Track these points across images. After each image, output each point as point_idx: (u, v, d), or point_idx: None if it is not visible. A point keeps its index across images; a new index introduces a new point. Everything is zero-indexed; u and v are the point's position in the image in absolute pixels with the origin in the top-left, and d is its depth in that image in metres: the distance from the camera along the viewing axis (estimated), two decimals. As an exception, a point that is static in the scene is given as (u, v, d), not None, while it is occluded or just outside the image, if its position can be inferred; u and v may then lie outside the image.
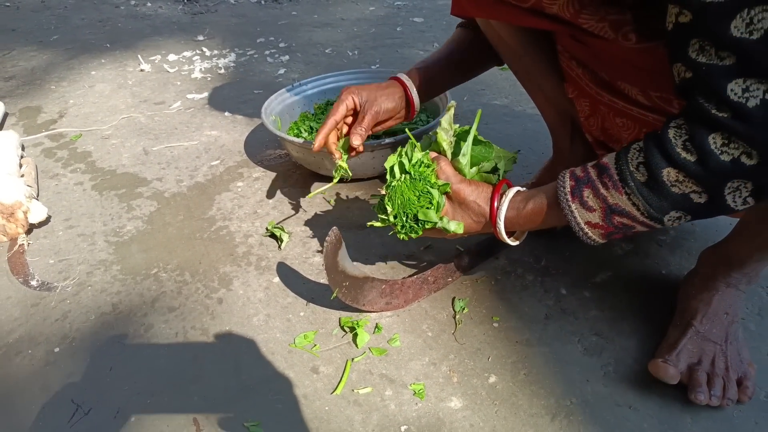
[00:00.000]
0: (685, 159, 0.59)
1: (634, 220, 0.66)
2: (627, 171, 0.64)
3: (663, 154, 0.61)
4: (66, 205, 1.31)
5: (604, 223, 0.68)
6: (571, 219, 0.69)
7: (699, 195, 0.61)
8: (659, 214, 0.64)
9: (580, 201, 0.68)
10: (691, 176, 0.60)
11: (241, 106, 1.78)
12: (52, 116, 1.79)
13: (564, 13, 0.76)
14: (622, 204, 0.65)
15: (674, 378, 0.77)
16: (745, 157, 0.57)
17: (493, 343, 0.89)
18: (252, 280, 1.04)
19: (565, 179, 0.70)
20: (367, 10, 2.73)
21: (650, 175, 0.62)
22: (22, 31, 2.68)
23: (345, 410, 0.79)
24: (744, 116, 0.55)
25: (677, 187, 0.61)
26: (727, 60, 0.55)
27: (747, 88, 0.55)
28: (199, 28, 2.60)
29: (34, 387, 0.86)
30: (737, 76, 0.55)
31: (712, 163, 0.58)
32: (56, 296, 1.04)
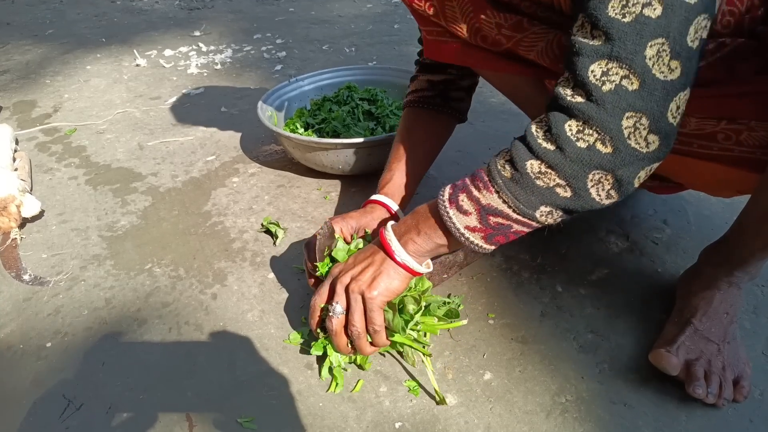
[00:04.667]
0: (545, 148, 0.61)
1: (508, 218, 0.66)
2: (495, 170, 0.65)
3: (526, 147, 0.63)
4: (60, 200, 1.30)
5: (481, 225, 0.67)
6: (451, 225, 0.68)
7: (563, 188, 0.62)
8: (530, 210, 0.64)
9: (457, 206, 0.68)
10: (552, 166, 0.61)
11: (237, 102, 1.78)
12: (46, 110, 1.78)
13: (542, 60, 0.75)
14: (494, 203, 0.65)
15: (676, 368, 0.76)
16: (600, 144, 0.58)
17: (488, 340, 0.88)
18: (247, 276, 1.04)
19: (444, 190, 0.70)
20: (365, 7, 2.72)
21: (515, 169, 0.63)
22: (17, 24, 2.66)
23: (339, 406, 0.79)
24: (597, 100, 0.57)
25: (541, 180, 0.62)
26: (597, 40, 0.56)
27: (606, 72, 0.56)
28: (196, 23, 2.58)
29: (26, 382, 0.85)
30: (601, 57, 0.56)
31: (569, 151, 0.59)
32: (49, 291, 1.03)
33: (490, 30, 0.76)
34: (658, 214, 1.14)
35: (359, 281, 0.74)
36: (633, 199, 1.17)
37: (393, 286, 0.74)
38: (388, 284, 0.74)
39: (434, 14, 0.80)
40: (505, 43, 0.76)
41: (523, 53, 0.76)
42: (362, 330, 0.75)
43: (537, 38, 0.73)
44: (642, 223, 1.12)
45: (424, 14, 0.81)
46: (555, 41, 0.72)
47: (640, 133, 0.58)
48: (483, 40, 0.78)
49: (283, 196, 1.27)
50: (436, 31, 0.84)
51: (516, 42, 0.75)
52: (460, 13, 0.77)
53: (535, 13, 0.73)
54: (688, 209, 1.15)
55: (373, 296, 0.73)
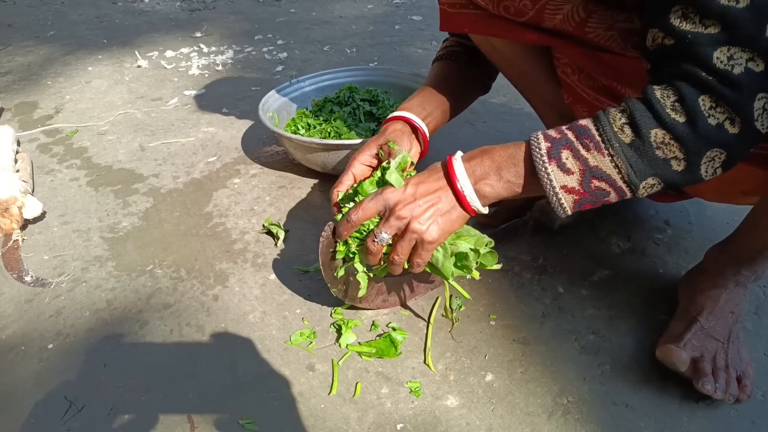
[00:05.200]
0: (675, 120, 0.58)
1: (612, 184, 0.63)
2: (611, 131, 0.62)
3: (652, 114, 0.60)
4: (61, 201, 1.30)
5: (580, 188, 0.64)
6: (546, 183, 0.64)
7: (678, 162, 0.60)
8: (638, 179, 0.62)
9: (558, 163, 0.64)
10: (678, 138, 0.59)
11: (238, 103, 1.78)
12: (48, 112, 1.78)
13: (567, 25, 0.73)
14: (603, 166, 0.62)
15: (685, 363, 0.76)
16: (729, 124, 0.57)
17: (489, 341, 0.88)
18: (248, 277, 1.04)
19: (539, 140, 0.65)
20: (366, 7, 2.72)
21: (637, 135, 0.60)
22: (18, 26, 2.67)
23: (341, 408, 0.79)
24: (731, 83, 0.56)
25: (662, 150, 0.60)
26: (712, 28, 0.56)
27: (732, 56, 0.56)
28: (197, 24, 2.59)
29: (28, 384, 0.85)
30: (723, 44, 0.55)
31: (699, 126, 0.58)
32: (50, 292, 1.03)
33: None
34: (659, 215, 1.14)
35: (419, 221, 0.70)
36: (633, 200, 1.17)
37: (453, 229, 0.73)
38: (449, 228, 0.72)
39: None
40: (529, 11, 0.75)
41: (547, 19, 0.74)
42: (404, 261, 0.74)
43: (563, 1, 0.72)
44: (643, 224, 1.12)
45: None
46: (581, 5, 0.71)
47: (767, 114, 0.57)
48: (506, 10, 0.77)
49: (284, 197, 1.27)
50: (459, 3, 0.83)
51: (541, 7, 0.73)
52: None
53: None
54: (689, 210, 1.15)
55: (432, 240, 0.71)
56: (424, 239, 0.71)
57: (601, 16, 0.71)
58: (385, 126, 0.91)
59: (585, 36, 0.74)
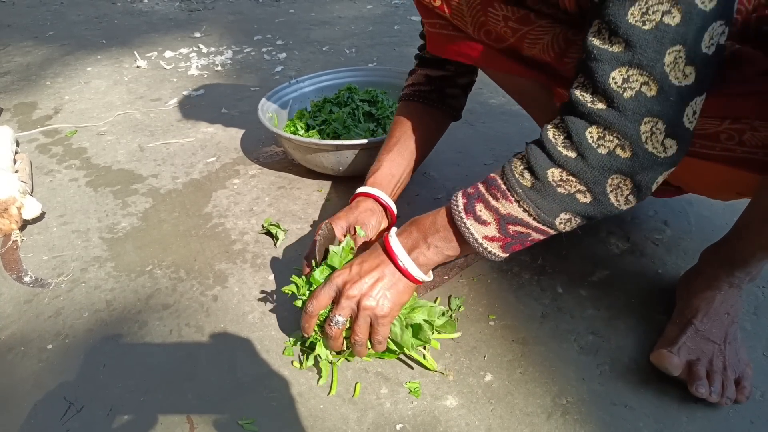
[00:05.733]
0: (567, 156, 0.61)
1: (528, 226, 0.66)
2: (513, 179, 0.65)
3: (546, 155, 0.63)
4: (60, 201, 1.30)
5: (500, 235, 0.67)
6: (469, 236, 0.68)
7: (584, 194, 0.62)
8: (550, 218, 0.64)
9: (474, 216, 0.67)
10: (574, 173, 0.61)
11: (237, 103, 1.78)
12: (47, 112, 1.78)
13: (546, 56, 0.75)
14: (514, 212, 0.65)
15: (678, 368, 0.76)
16: (620, 150, 0.59)
17: (489, 342, 0.88)
18: (247, 278, 1.04)
19: (457, 199, 0.69)
20: (365, 8, 2.72)
21: (535, 177, 0.63)
22: (17, 26, 2.67)
23: (340, 408, 0.79)
24: (619, 106, 0.57)
25: (563, 187, 0.62)
26: (617, 47, 0.57)
27: (627, 79, 0.57)
28: (196, 25, 2.59)
29: (27, 384, 0.85)
30: (621, 64, 0.57)
31: (590, 157, 0.60)
32: (50, 293, 1.03)
33: (495, 23, 0.76)
34: (658, 215, 1.14)
35: (369, 297, 0.72)
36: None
37: (403, 300, 0.75)
38: (399, 300, 0.74)
39: (439, 6, 0.80)
40: (510, 38, 0.76)
41: (527, 48, 0.76)
42: (365, 340, 0.75)
43: (543, 31, 0.73)
44: (642, 224, 1.12)
45: (429, 6, 0.81)
46: (561, 35, 0.72)
47: (657, 137, 0.58)
48: (486, 35, 0.78)
49: (283, 198, 1.27)
50: (439, 24, 0.84)
51: (521, 36, 0.75)
52: (467, 5, 0.77)
53: (540, 10, 0.73)
54: (688, 210, 1.15)
55: (385, 314, 0.73)
56: (377, 314, 0.73)
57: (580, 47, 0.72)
58: (355, 201, 0.94)
59: (563, 67, 0.75)
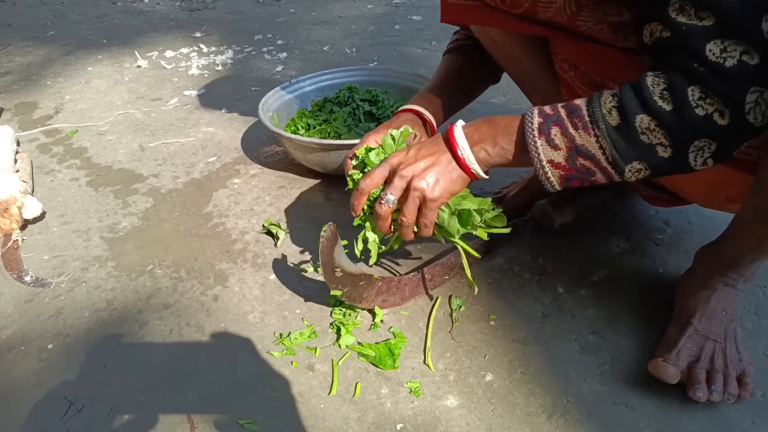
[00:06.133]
0: (661, 107, 0.59)
1: (597, 164, 0.65)
2: (599, 113, 0.63)
3: (639, 100, 0.61)
4: (61, 201, 1.30)
5: (566, 164, 0.67)
6: (534, 155, 0.67)
7: (665, 149, 0.61)
8: (623, 162, 0.64)
9: (547, 138, 0.66)
10: (663, 126, 0.60)
11: (238, 103, 1.78)
12: (47, 112, 1.78)
13: (560, 17, 0.75)
14: (589, 146, 0.64)
15: (674, 377, 0.76)
16: (718, 116, 0.58)
17: (489, 342, 0.88)
18: (248, 277, 1.04)
19: (533, 115, 0.68)
20: (366, 7, 2.72)
21: (623, 119, 0.62)
22: (18, 26, 2.67)
23: (340, 408, 0.79)
24: (722, 75, 0.56)
25: (647, 136, 0.61)
26: (707, 20, 0.56)
27: (725, 49, 0.56)
28: (197, 24, 2.58)
29: (27, 384, 0.85)
30: (716, 36, 0.56)
31: (686, 115, 0.58)
32: (50, 292, 1.03)
33: None
34: (659, 215, 1.14)
35: (421, 179, 0.73)
36: (633, 200, 1.17)
37: (454, 189, 0.75)
38: (450, 188, 0.74)
39: None
40: (524, 2, 0.77)
41: (541, 11, 0.76)
42: (412, 223, 0.76)
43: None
44: (643, 224, 1.12)
45: None
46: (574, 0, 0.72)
47: (760, 108, 0.57)
48: (502, 2, 0.79)
49: (284, 198, 1.27)
50: None
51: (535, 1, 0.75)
52: None
53: None
54: (689, 210, 1.15)
55: (434, 198, 0.73)
56: (426, 196, 0.73)
57: (592, 10, 0.73)
58: (396, 116, 0.95)
59: (577, 29, 0.76)
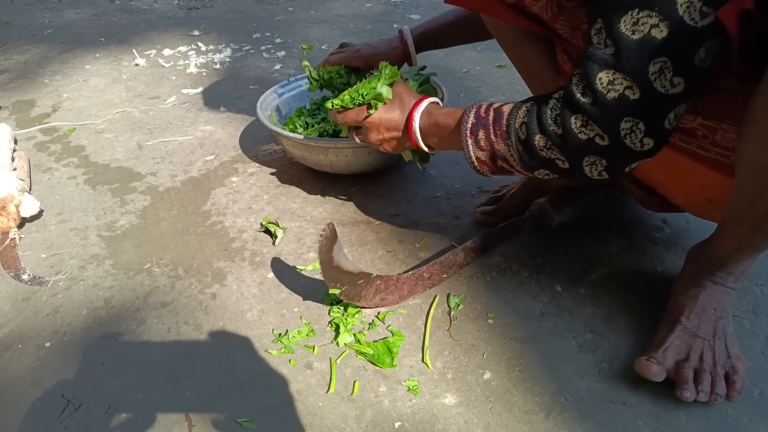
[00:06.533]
0: (553, 131, 0.69)
1: (513, 167, 0.77)
2: (513, 126, 0.73)
3: (538, 122, 0.70)
4: (59, 199, 1.30)
5: (490, 163, 0.79)
6: (466, 151, 0.79)
7: (562, 162, 0.71)
8: (530, 170, 0.75)
9: (475, 139, 0.78)
10: (555, 146, 0.70)
11: (236, 102, 1.77)
12: (45, 110, 1.78)
13: (544, 15, 0.79)
14: (504, 152, 0.75)
15: (659, 375, 0.76)
16: (599, 139, 0.66)
17: (487, 340, 0.88)
18: (246, 276, 1.04)
19: (470, 114, 0.78)
20: (364, 6, 2.72)
21: (527, 136, 0.72)
22: (15, 24, 2.66)
23: (339, 406, 0.79)
24: (602, 105, 0.63)
25: (545, 153, 0.71)
26: (608, 49, 0.62)
27: (612, 81, 0.62)
28: (195, 23, 2.58)
29: (25, 382, 0.85)
30: (609, 67, 0.62)
31: (570, 140, 0.68)
32: (48, 291, 1.03)
33: None
34: (657, 214, 1.14)
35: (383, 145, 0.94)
36: (631, 199, 1.17)
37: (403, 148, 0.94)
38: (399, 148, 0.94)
39: None
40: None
41: (528, 3, 0.80)
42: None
43: None
44: (641, 223, 1.12)
45: None
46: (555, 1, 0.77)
47: (636, 135, 0.64)
48: None
49: (282, 196, 1.27)
50: None
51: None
52: None
53: None
54: (687, 209, 1.15)
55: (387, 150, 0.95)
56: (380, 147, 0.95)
57: (570, 15, 0.77)
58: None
59: (556, 30, 0.80)
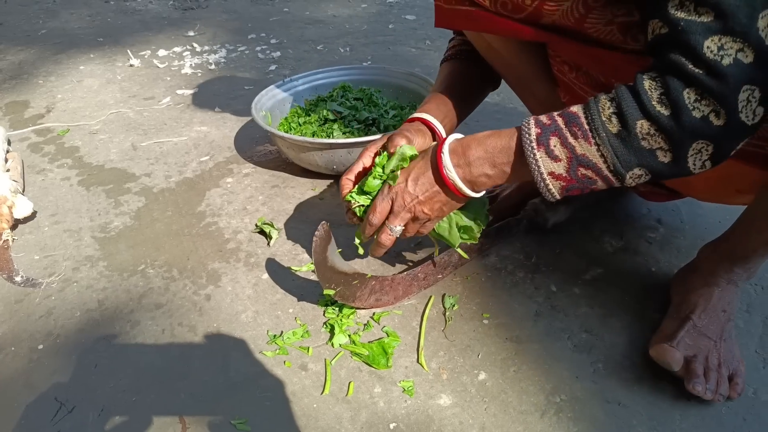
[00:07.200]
0: (659, 112, 0.59)
1: (599, 173, 0.65)
2: (599, 120, 0.63)
3: (638, 105, 0.61)
4: (52, 201, 1.29)
5: (567, 175, 0.66)
6: (535, 168, 0.67)
7: (664, 153, 0.61)
8: (624, 169, 0.63)
9: (546, 149, 0.66)
10: (663, 130, 0.60)
11: (231, 102, 1.77)
12: (39, 111, 1.77)
13: (567, 20, 0.74)
14: (590, 155, 0.64)
15: (679, 363, 0.76)
16: (714, 116, 0.58)
17: (483, 340, 0.88)
18: (241, 277, 1.03)
19: (530, 126, 0.67)
20: (360, 7, 2.72)
21: (623, 126, 0.61)
22: (9, 24, 2.65)
23: (333, 408, 0.79)
24: (718, 74, 0.56)
25: (647, 141, 0.61)
26: (705, 16, 0.56)
27: (722, 46, 0.56)
28: (190, 23, 2.57)
29: (17, 385, 0.84)
30: (714, 33, 0.56)
31: (684, 118, 0.58)
32: (41, 293, 1.02)
33: None
34: (651, 214, 1.14)
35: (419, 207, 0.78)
36: (626, 199, 1.17)
37: (449, 209, 0.80)
38: (445, 209, 0.80)
39: None
40: (528, 6, 0.75)
41: (546, 15, 0.74)
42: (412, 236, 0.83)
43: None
44: (636, 223, 1.12)
45: None
46: (581, 1, 0.71)
47: (751, 105, 0.57)
48: (503, 7, 0.77)
49: (277, 197, 1.27)
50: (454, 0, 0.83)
51: (540, 4, 0.73)
52: None
53: None
54: (681, 208, 1.15)
55: (433, 220, 0.81)
56: (426, 224, 0.81)
57: (600, 12, 0.71)
58: (404, 125, 0.92)
59: (584, 31, 0.74)
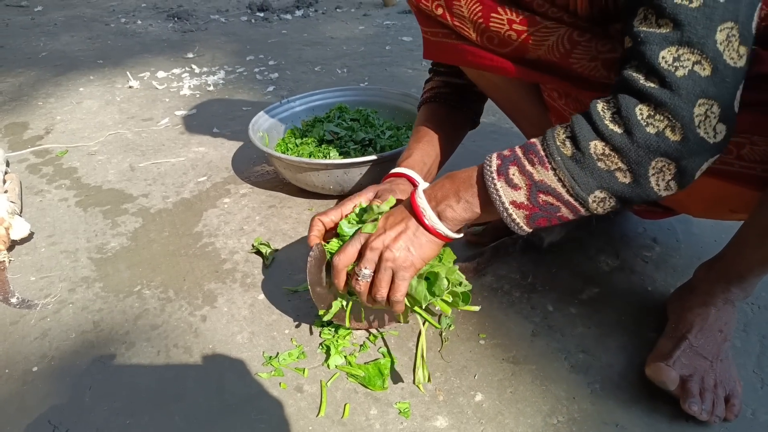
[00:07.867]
0: (612, 131, 0.59)
1: (559, 198, 0.64)
2: (553, 145, 0.63)
3: (591, 127, 0.61)
4: (49, 222, 1.30)
5: (528, 203, 0.66)
6: (496, 198, 0.67)
7: (624, 173, 0.60)
8: (584, 193, 0.62)
9: (506, 179, 0.66)
10: (617, 149, 0.59)
11: (229, 123, 1.78)
12: (38, 132, 1.78)
13: (552, 56, 0.74)
14: (548, 180, 0.63)
15: (675, 382, 0.76)
16: (670, 131, 0.57)
17: (479, 361, 0.88)
18: (237, 297, 1.03)
19: (492, 159, 0.68)
20: (357, 29, 2.76)
21: (576, 147, 0.61)
22: (10, 47, 2.68)
23: (329, 430, 0.78)
24: (671, 85, 0.56)
25: (603, 162, 0.60)
26: (664, 28, 0.56)
27: (678, 57, 0.56)
28: (189, 45, 2.60)
29: (11, 407, 0.84)
30: (671, 43, 0.56)
31: (637, 135, 0.58)
32: (36, 314, 1.02)
33: (500, 27, 0.75)
34: (647, 233, 1.14)
35: (392, 249, 0.72)
36: (622, 218, 1.18)
37: (426, 255, 0.74)
38: (421, 254, 0.73)
39: (441, 14, 0.79)
40: (514, 41, 0.75)
41: (532, 49, 0.75)
42: (384, 298, 0.75)
43: (548, 32, 0.73)
44: (631, 242, 1.12)
45: (431, 14, 0.80)
46: (566, 36, 0.72)
47: (710, 121, 0.57)
48: (489, 41, 0.78)
49: (274, 217, 1.27)
50: (441, 33, 0.83)
51: (526, 38, 0.74)
52: (468, 11, 0.76)
53: (546, 13, 0.73)
54: (677, 227, 1.16)
55: (406, 266, 0.73)
56: (398, 266, 0.73)
57: (585, 47, 0.72)
58: (387, 179, 0.92)
59: (569, 66, 0.75)
